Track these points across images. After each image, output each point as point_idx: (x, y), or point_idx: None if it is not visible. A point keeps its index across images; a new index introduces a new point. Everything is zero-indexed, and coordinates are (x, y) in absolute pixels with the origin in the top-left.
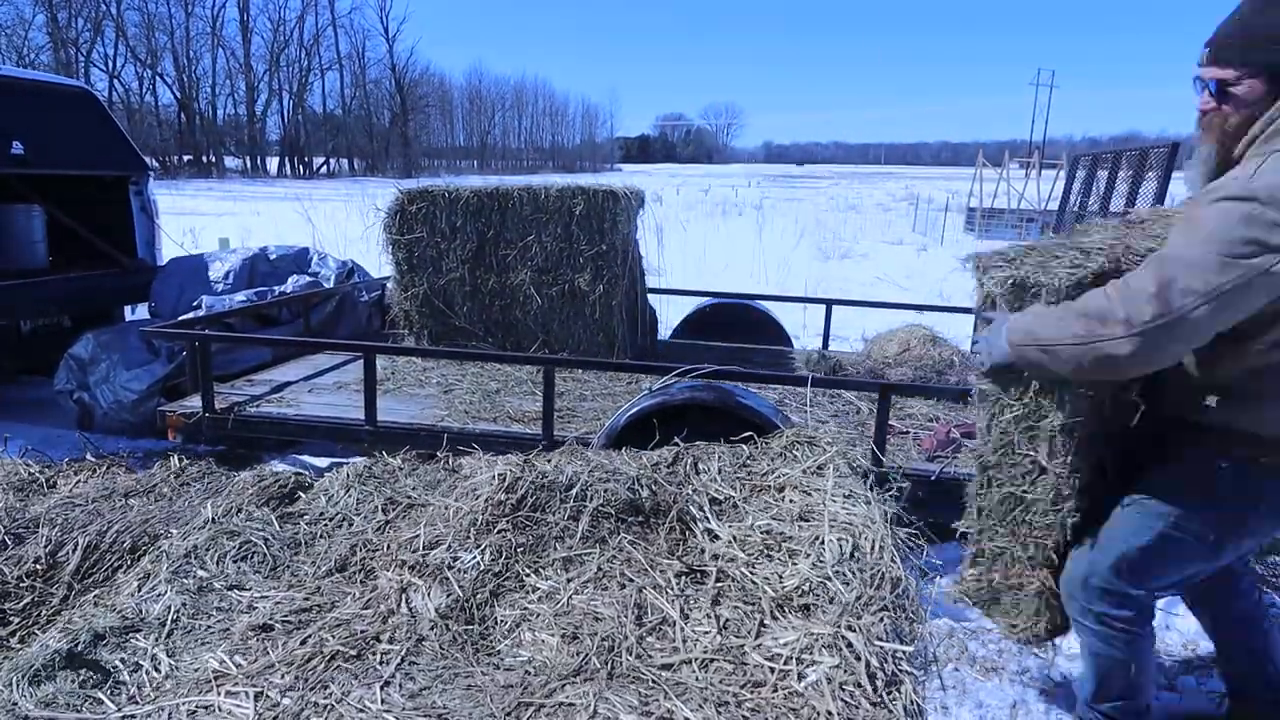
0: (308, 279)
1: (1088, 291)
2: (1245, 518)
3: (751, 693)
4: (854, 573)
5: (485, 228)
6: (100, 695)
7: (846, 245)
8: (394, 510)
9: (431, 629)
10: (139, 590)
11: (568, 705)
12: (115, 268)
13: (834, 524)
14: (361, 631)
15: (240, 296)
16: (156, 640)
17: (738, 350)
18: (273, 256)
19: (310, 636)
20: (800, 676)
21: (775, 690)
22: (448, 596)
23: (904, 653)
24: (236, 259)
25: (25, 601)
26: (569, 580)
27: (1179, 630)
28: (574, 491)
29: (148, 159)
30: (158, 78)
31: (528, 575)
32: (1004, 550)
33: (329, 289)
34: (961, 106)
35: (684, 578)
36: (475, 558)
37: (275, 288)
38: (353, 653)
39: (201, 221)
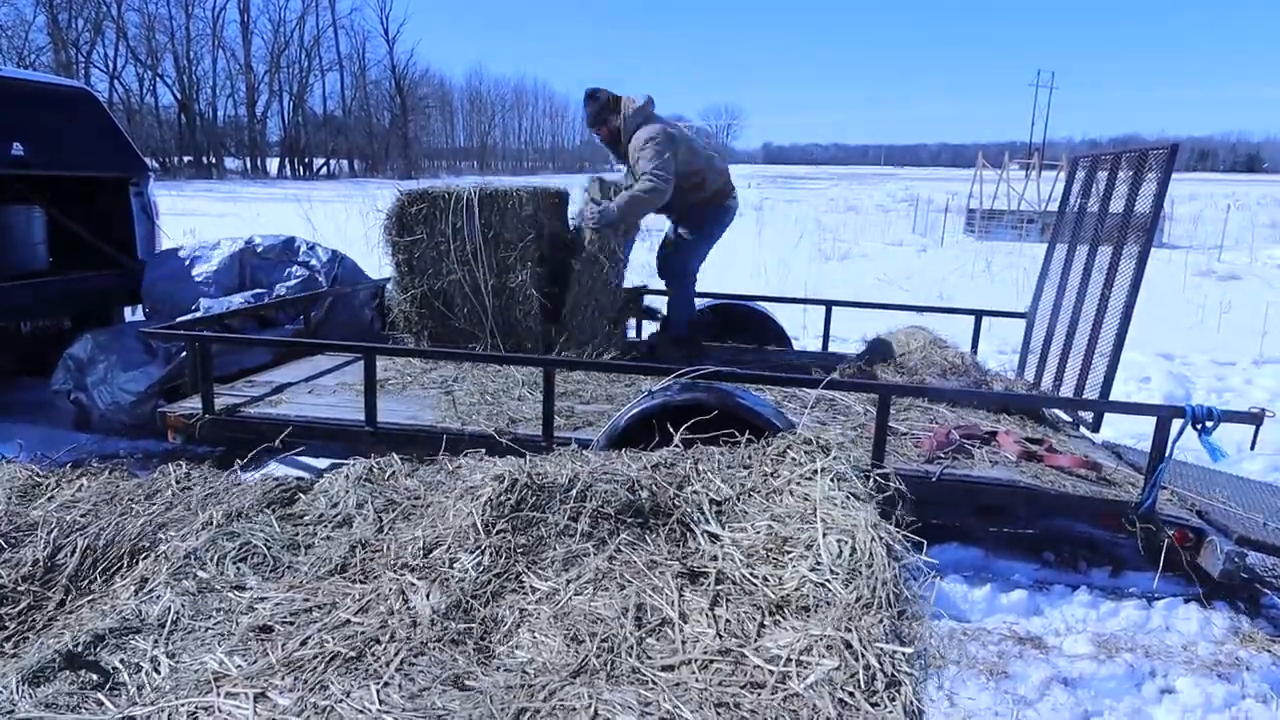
0: (300, 269)
1: (625, 192)
2: (713, 230)
3: (751, 694)
4: (853, 574)
5: (485, 229)
6: (100, 696)
7: (846, 246)
8: (394, 511)
9: (431, 630)
10: (138, 592)
11: (567, 706)
12: (116, 268)
13: (833, 526)
14: (361, 633)
15: (239, 298)
16: (156, 642)
17: (738, 351)
18: (260, 249)
19: (310, 638)
20: (800, 678)
21: (775, 692)
22: (447, 598)
23: (904, 654)
24: (224, 253)
25: (21, 605)
26: (568, 581)
27: (1179, 632)
28: (574, 493)
29: (148, 160)
30: (158, 79)
31: (527, 576)
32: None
33: (328, 290)
34: (961, 108)
35: (683, 579)
36: (475, 559)
37: (276, 286)
38: (353, 654)
39: (202, 222)
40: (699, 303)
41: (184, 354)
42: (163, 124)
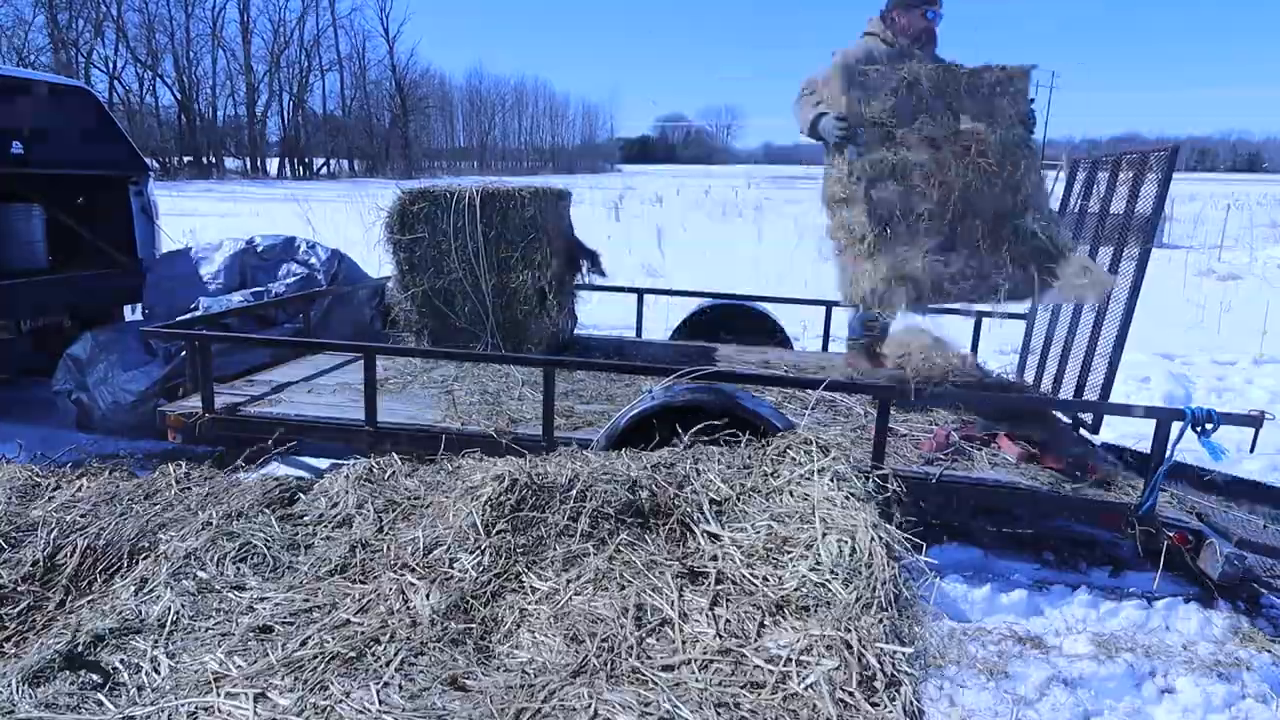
0: (299, 268)
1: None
2: None
3: (751, 694)
4: (853, 574)
5: (486, 228)
6: (100, 696)
7: None
8: (394, 511)
9: (431, 630)
10: (138, 592)
11: (567, 707)
12: (115, 268)
13: (833, 526)
14: (361, 633)
15: (237, 297)
16: (156, 642)
17: (738, 351)
18: (260, 248)
19: (310, 638)
20: (800, 678)
21: (775, 692)
22: (447, 598)
23: (904, 654)
24: (225, 253)
25: (21, 606)
26: (568, 581)
27: (1179, 632)
28: (573, 493)
29: (148, 159)
30: (158, 79)
31: (527, 576)
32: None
33: (327, 289)
34: None
35: (683, 579)
36: (475, 559)
37: (271, 286)
38: (352, 654)
39: (202, 222)
40: (699, 302)
41: (184, 353)
42: (163, 124)
